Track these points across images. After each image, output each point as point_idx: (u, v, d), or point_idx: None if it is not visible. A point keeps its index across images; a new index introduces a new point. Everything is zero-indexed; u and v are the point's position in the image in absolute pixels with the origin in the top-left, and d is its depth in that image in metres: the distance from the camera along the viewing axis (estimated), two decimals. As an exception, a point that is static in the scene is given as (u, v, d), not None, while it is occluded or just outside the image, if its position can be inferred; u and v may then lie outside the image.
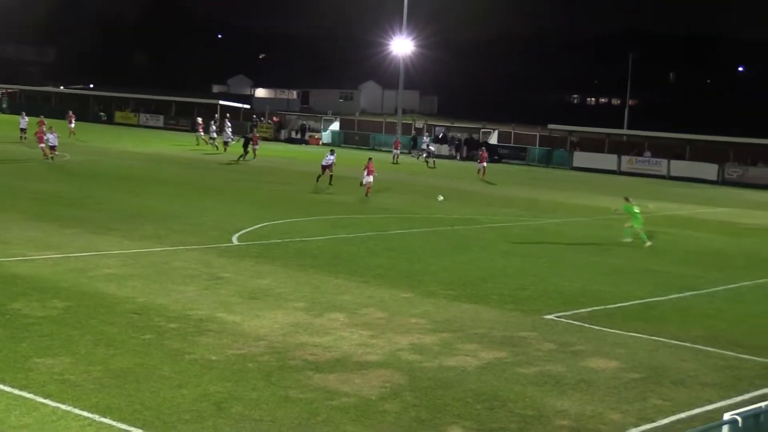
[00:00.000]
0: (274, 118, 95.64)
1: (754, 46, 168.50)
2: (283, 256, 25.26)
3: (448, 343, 16.96)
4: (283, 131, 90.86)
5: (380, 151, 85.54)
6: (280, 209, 35.49)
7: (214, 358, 15.22)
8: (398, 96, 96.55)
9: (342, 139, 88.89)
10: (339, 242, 28.52)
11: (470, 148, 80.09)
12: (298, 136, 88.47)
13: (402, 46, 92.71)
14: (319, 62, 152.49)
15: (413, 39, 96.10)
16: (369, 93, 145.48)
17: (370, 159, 42.98)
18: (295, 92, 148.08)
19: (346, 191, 42.86)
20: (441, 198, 41.02)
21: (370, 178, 41.44)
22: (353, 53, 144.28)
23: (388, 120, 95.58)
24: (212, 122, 71.68)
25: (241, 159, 57.65)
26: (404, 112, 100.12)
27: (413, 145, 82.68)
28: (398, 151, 70.30)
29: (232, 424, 12.29)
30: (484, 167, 57.90)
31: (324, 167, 44.48)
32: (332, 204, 38.34)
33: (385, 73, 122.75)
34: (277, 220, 32.28)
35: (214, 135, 68.50)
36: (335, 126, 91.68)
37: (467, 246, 29.26)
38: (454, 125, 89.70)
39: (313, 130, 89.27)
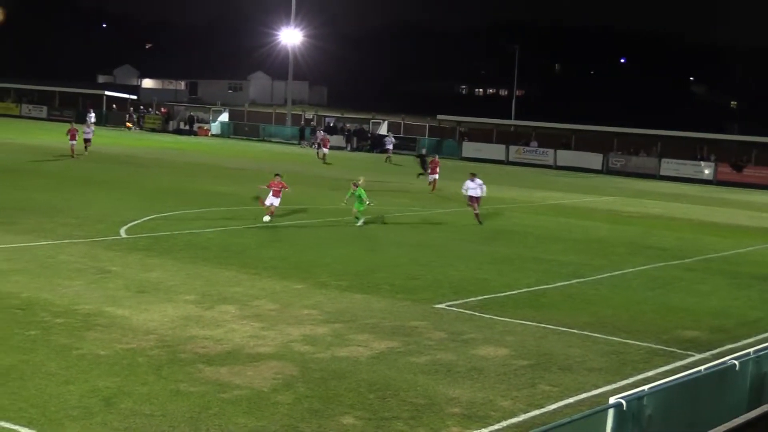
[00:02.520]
0: (162, 109, 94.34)
1: (635, 37, 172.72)
2: (173, 249, 24.94)
3: (340, 334, 16.99)
4: (171, 122, 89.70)
5: (270, 142, 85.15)
6: (169, 201, 35.02)
7: (102, 353, 14.95)
8: (288, 87, 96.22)
9: (231, 131, 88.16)
10: (230, 234, 28.29)
11: (360, 139, 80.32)
12: (187, 127, 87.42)
13: (291, 36, 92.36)
14: (207, 52, 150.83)
15: (302, 29, 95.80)
16: (258, 84, 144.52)
17: (276, 175, 31.57)
18: (183, 83, 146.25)
19: (237, 182, 42.52)
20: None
21: (277, 201, 31.05)
22: (242, 43, 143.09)
23: (277, 111, 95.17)
24: (89, 113, 70.86)
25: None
26: (294, 102, 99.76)
27: (301, 136, 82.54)
28: (326, 150, 64.74)
29: (121, 420, 12.10)
30: (435, 180, 46.78)
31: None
32: (222, 196, 37.99)
33: (274, 64, 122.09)
34: (166, 213, 31.85)
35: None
36: (224, 117, 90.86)
37: (358, 236, 29.33)
38: (344, 116, 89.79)
39: (201, 121, 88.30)
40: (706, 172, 67.54)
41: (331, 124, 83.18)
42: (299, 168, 56.43)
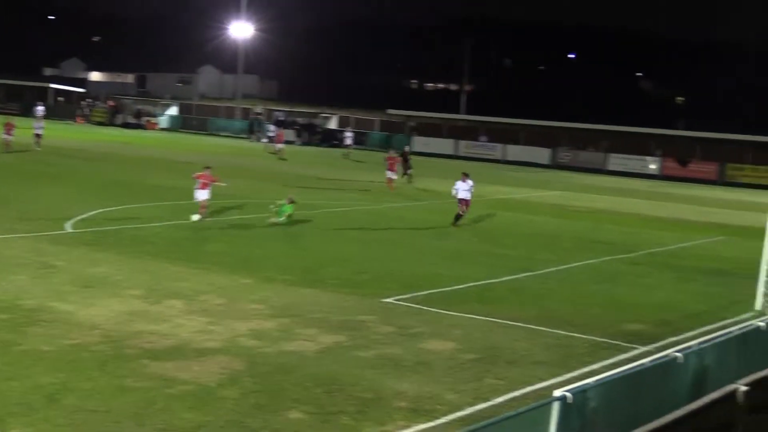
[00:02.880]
0: (110, 102, 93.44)
1: (584, 33, 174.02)
2: (119, 243, 24.70)
3: (287, 328, 16.94)
4: (119, 116, 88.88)
5: (219, 136, 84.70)
6: (116, 195, 34.69)
7: (46, 348, 14.77)
8: (237, 80, 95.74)
9: (180, 124, 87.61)
10: (177, 228, 28.08)
11: (310, 133, 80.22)
12: (135, 120, 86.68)
13: (241, 29, 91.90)
14: (156, 45, 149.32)
15: (253, 23, 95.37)
16: (208, 77, 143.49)
17: (207, 168, 30.19)
18: (131, 76, 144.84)
19: (185, 176, 42.22)
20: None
21: (205, 194, 29.52)
22: (191, 36, 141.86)
23: (227, 105, 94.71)
24: (37, 106, 70.03)
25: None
26: (244, 96, 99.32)
27: (251, 130, 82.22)
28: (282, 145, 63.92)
29: (65, 416, 11.96)
30: (392, 178, 44.58)
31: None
32: (170, 190, 37.72)
33: (224, 58, 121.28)
34: (113, 207, 31.55)
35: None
36: (173, 111, 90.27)
37: (306, 231, 29.25)
38: (295, 110, 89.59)
39: (149, 115, 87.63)
40: (653, 166, 68.31)
41: (281, 118, 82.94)
42: (249, 162, 56.26)
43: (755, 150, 67.53)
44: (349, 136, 69.87)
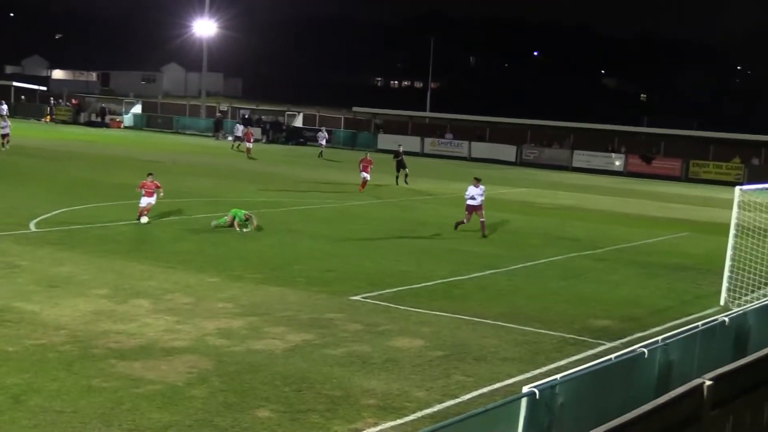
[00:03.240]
0: (73, 101, 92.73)
1: (548, 31, 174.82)
2: (84, 243, 24.54)
3: (256, 327, 16.90)
4: (82, 114, 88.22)
5: (183, 134, 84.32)
6: (81, 194, 34.45)
7: (11, 349, 14.64)
8: (202, 78, 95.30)
9: (144, 123, 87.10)
10: (143, 227, 27.92)
11: (275, 131, 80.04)
12: (99, 119, 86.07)
13: (205, 27, 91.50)
14: (119, 43, 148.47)
15: (216, 20, 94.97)
16: (172, 75, 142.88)
17: (149, 175, 29.38)
18: (94, 74, 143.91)
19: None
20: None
21: (151, 200, 29.04)
22: (156, 34, 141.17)
23: (191, 103, 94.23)
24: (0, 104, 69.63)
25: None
26: (208, 94, 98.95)
27: (216, 128, 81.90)
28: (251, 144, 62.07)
29: (30, 417, 11.87)
30: (366, 179, 42.59)
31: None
32: (134, 188, 37.42)
33: (188, 55, 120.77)
34: (78, 206, 31.33)
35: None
36: (137, 109, 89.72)
37: (273, 229, 29.19)
38: (260, 108, 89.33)
39: (113, 113, 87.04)
40: (617, 163, 68.74)
41: (246, 116, 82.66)
42: (215, 160, 56.05)
43: (717, 146, 68.16)
44: (322, 136, 69.58)
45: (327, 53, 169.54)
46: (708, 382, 8.38)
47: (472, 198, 30.29)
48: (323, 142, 68.56)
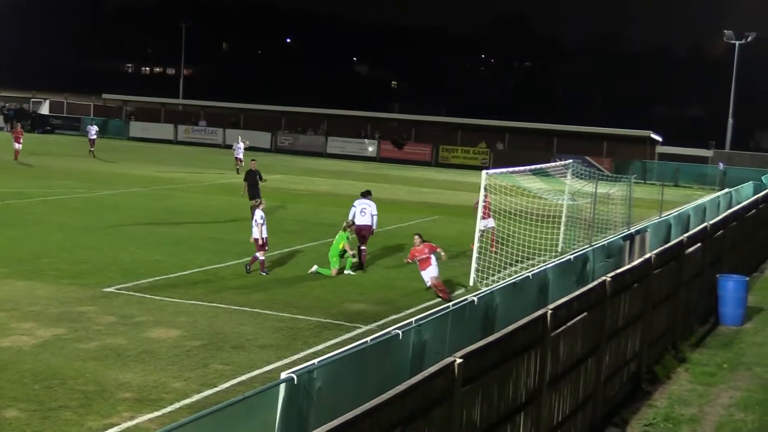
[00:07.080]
0: None
1: (300, 18, 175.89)
2: None
3: (2, 323, 16.18)
4: None
5: None
6: None
7: None
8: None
9: None
10: None
11: (20, 119, 76.57)
12: None
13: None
14: None
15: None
16: None
17: None
18: None
19: None
20: None
21: None
22: None
23: None
24: None
25: None
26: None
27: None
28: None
29: None
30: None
31: None
32: None
33: None
34: None
35: None
36: None
37: (19, 221, 27.98)
38: (1, 95, 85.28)
39: None
40: (370, 149, 70.07)
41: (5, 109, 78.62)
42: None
43: (465, 132, 70.71)
44: (92, 129, 65.02)
45: (73, 37, 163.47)
46: (459, 360, 8.67)
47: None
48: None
